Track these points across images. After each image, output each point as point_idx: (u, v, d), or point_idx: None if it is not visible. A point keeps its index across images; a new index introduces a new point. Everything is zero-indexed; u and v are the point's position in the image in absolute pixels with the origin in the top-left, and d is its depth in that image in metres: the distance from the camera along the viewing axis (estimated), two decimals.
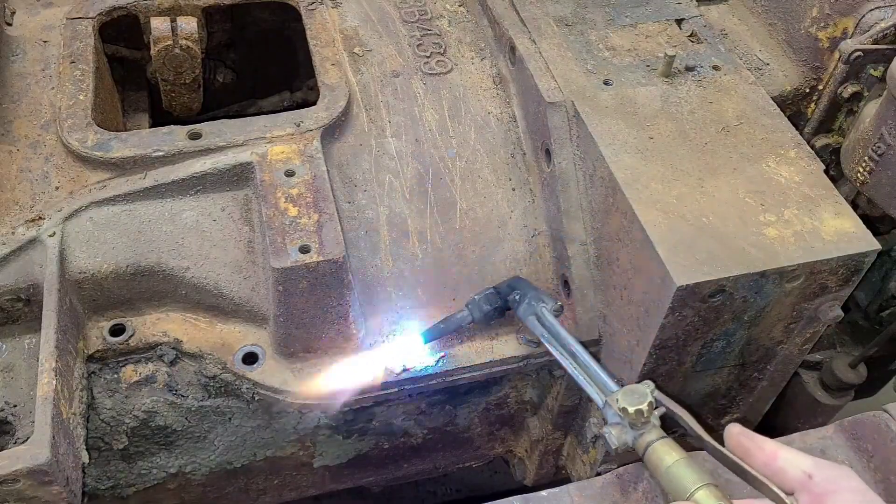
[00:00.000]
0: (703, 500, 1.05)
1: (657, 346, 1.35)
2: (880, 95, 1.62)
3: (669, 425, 1.20)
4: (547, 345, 1.42)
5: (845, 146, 1.73)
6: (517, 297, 1.48)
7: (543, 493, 1.23)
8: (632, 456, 1.20)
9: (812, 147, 1.65)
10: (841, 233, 1.33)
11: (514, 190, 1.65)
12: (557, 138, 1.53)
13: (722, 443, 1.14)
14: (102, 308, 1.47)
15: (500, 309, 1.49)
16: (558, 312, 1.46)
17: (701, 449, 1.18)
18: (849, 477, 1.02)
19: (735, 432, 1.12)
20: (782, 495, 1.03)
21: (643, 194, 1.35)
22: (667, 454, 1.11)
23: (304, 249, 1.37)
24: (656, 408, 1.18)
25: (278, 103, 2.13)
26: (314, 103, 1.63)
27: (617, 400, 1.19)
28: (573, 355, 1.37)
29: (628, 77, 1.57)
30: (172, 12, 1.79)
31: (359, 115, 1.66)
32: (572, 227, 1.53)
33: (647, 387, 1.19)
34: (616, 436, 1.17)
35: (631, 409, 1.16)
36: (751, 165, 1.42)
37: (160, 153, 1.50)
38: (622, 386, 1.24)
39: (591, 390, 1.31)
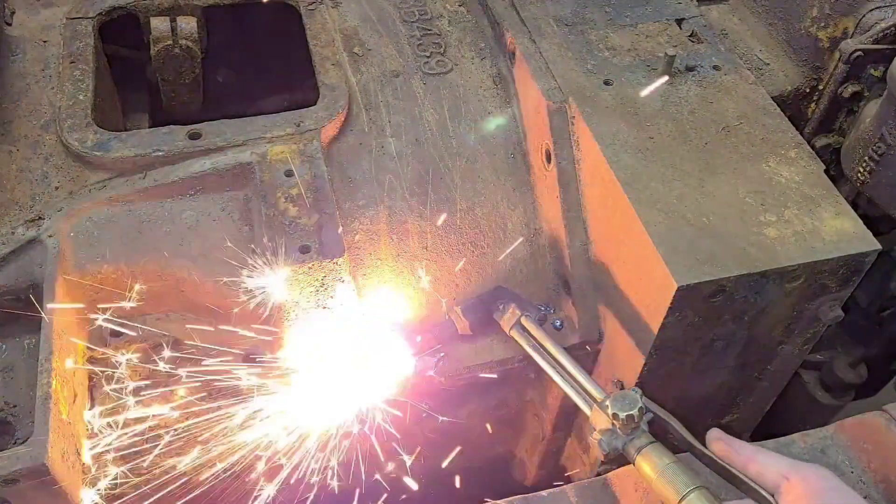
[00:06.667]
0: (695, 502, 1.06)
1: (658, 346, 1.35)
2: (880, 95, 1.62)
3: (656, 430, 1.21)
4: (533, 353, 1.42)
5: (845, 146, 1.73)
6: (500, 307, 1.48)
7: (544, 493, 1.24)
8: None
9: (812, 147, 1.65)
10: (841, 233, 1.33)
11: (514, 190, 1.65)
12: (557, 138, 1.52)
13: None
14: (103, 308, 1.47)
15: (484, 319, 1.49)
16: (542, 321, 1.46)
17: (684, 451, 1.19)
18: (825, 476, 1.04)
19: (714, 437, 1.15)
20: (767, 496, 1.05)
21: (643, 194, 1.35)
22: (658, 458, 1.13)
23: (304, 249, 1.37)
24: (644, 413, 1.20)
25: (278, 103, 2.13)
26: (314, 103, 1.63)
27: (607, 406, 1.20)
28: (559, 364, 1.38)
29: (629, 77, 1.57)
30: (172, 12, 1.79)
31: (359, 115, 1.66)
32: (573, 227, 1.53)
33: (637, 392, 1.21)
34: (606, 441, 1.19)
35: (622, 415, 1.17)
36: (751, 165, 1.42)
37: (160, 153, 1.50)
38: (609, 393, 1.25)
39: (578, 399, 1.32)
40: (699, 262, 1.27)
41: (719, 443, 1.15)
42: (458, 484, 1.66)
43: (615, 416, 1.18)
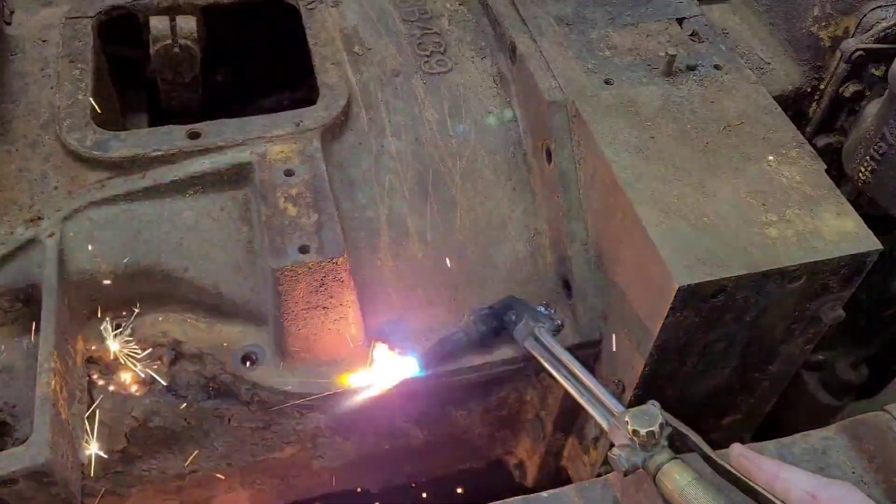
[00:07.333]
0: None
1: (658, 346, 1.35)
2: (882, 95, 1.61)
3: (674, 443, 1.19)
4: (547, 366, 1.41)
5: (847, 146, 1.73)
6: (513, 318, 1.47)
7: (544, 493, 1.23)
8: None
9: (813, 146, 1.65)
10: (843, 233, 1.32)
11: (514, 190, 1.64)
12: (558, 138, 1.52)
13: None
14: (102, 308, 1.47)
15: (496, 329, 1.48)
16: (556, 332, 1.45)
17: (692, 451, 1.18)
18: (852, 494, 1.02)
19: (736, 453, 1.13)
20: None
21: (644, 194, 1.35)
22: (679, 475, 1.11)
23: (304, 249, 1.37)
24: (664, 428, 1.17)
25: (278, 103, 2.13)
26: (314, 103, 1.62)
27: (627, 422, 1.17)
28: (574, 376, 1.36)
29: (629, 76, 1.57)
30: (172, 11, 1.78)
31: (359, 115, 1.66)
32: (573, 227, 1.52)
33: (656, 407, 1.19)
34: (626, 458, 1.16)
35: (643, 432, 1.15)
36: (752, 165, 1.42)
37: (159, 153, 1.49)
38: (625, 407, 1.23)
39: (596, 412, 1.29)
40: (700, 262, 1.26)
41: (742, 458, 1.13)
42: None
43: (635, 432, 1.16)
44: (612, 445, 1.21)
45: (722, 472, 1.15)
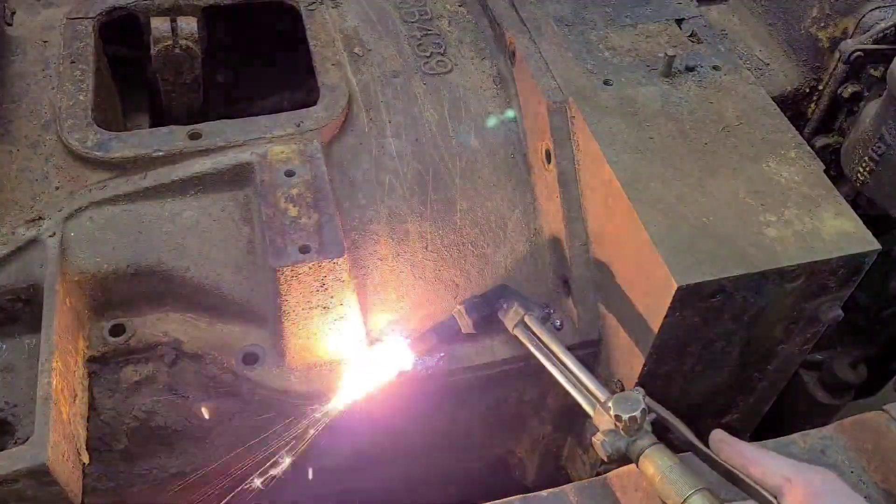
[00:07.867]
0: None
1: (657, 346, 1.35)
2: (880, 95, 1.62)
3: (659, 430, 1.20)
4: (536, 352, 1.42)
5: (845, 146, 1.73)
6: (504, 306, 1.48)
7: (544, 493, 1.24)
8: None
9: (812, 147, 1.65)
10: (841, 233, 1.33)
11: (514, 190, 1.65)
12: (557, 139, 1.53)
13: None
14: (103, 308, 1.47)
15: (487, 317, 1.49)
16: (545, 320, 1.46)
17: (688, 451, 1.19)
18: (829, 479, 1.04)
19: (717, 438, 1.15)
20: (769, 498, 1.05)
21: (643, 194, 1.35)
22: (661, 460, 1.12)
23: (304, 249, 1.37)
24: (647, 414, 1.19)
25: (278, 103, 2.13)
26: (314, 103, 1.63)
27: (610, 408, 1.19)
28: (562, 364, 1.37)
29: (628, 77, 1.57)
30: (172, 12, 1.79)
31: (359, 116, 1.66)
32: (573, 227, 1.53)
33: (639, 393, 1.20)
34: (609, 443, 1.18)
35: (625, 417, 1.16)
36: (751, 165, 1.42)
37: (160, 153, 1.50)
38: (612, 393, 1.25)
39: (582, 399, 1.31)
40: (699, 262, 1.27)
41: (722, 444, 1.15)
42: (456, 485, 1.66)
43: (618, 417, 1.17)
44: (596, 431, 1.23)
45: (704, 457, 1.16)
